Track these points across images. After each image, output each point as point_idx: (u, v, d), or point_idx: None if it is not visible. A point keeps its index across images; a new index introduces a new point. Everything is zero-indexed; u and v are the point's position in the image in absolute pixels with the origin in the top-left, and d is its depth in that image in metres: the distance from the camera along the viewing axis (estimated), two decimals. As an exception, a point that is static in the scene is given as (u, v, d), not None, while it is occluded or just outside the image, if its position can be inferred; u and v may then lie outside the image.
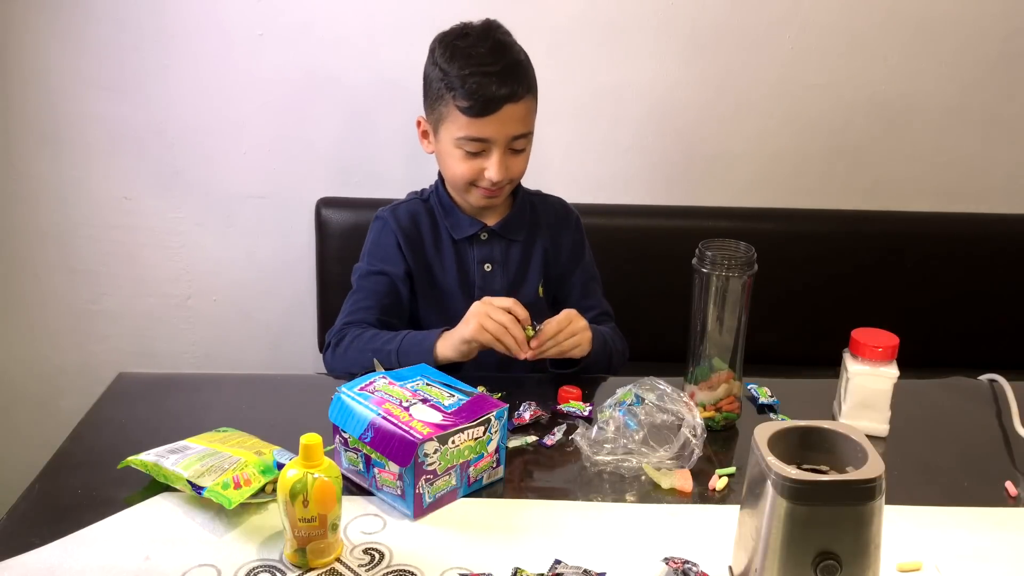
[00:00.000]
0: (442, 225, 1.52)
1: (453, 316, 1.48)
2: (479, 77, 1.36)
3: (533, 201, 1.58)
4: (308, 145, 2.06)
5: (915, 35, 2.04)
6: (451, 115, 1.40)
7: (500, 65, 1.38)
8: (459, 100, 1.37)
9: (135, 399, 1.31)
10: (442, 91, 1.40)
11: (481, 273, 1.52)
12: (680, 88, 2.06)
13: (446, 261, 1.52)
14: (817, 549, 0.84)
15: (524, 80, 1.40)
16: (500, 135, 1.39)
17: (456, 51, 1.40)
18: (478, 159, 1.41)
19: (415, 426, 1.03)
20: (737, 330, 1.23)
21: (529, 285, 1.54)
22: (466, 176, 1.43)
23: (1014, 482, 1.15)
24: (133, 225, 2.09)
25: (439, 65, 1.41)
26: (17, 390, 2.20)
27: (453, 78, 1.38)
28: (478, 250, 1.52)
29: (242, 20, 1.96)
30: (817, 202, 2.14)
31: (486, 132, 1.39)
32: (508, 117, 1.38)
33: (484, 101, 1.36)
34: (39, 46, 1.95)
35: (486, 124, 1.38)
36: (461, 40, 1.41)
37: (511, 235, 1.53)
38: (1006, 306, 2.12)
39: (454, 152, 1.42)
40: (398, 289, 1.50)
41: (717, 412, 1.26)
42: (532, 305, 1.52)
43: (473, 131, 1.39)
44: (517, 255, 1.54)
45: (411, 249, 1.51)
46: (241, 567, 0.96)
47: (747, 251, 1.21)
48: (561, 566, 0.96)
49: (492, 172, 1.40)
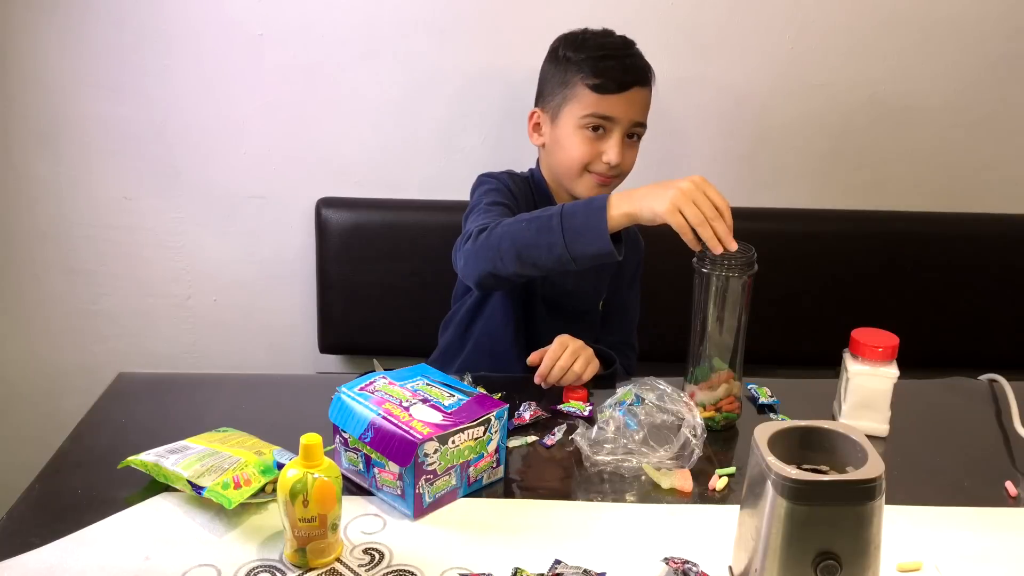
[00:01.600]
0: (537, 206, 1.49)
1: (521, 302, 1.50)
2: (612, 60, 1.43)
3: None
4: (308, 145, 2.06)
5: (915, 35, 2.04)
6: (578, 95, 1.43)
7: (630, 55, 1.47)
8: (589, 79, 1.42)
9: (135, 399, 1.31)
10: (569, 74, 1.44)
11: None
12: (680, 88, 2.06)
13: None
14: (817, 549, 0.84)
15: (649, 74, 1.48)
16: (624, 116, 1.43)
17: (587, 41, 1.47)
18: (598, 142, 1.44)
19: (415, 426, 1.03)
20: (737, 330, 1.23)
21: (596, 294, 1.55)
22: (583, 158, 1.44)
23: (1014, 482, 1.15)
24: (133, 225, 2.09)
25: (566, 55, 1.46)
26: (17, 390, 2.20)
27: (585, 60, 1.43)
28: None
29: (242, 20, 1.96)
30: (817, 202, 2.14)
31: (613, 110, 1.42)
32: (634, 100, 1.44)
33: (615, 78, 1.42)
34: (39, 46, 1.95)
35: (614, 102, 1.42)
36: (589, 35, 1.49)
37: None
38: (1006, 306, 2.12)
39: (575, 134, 1.44)
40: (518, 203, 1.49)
41: (717, 412, 1.26)
42: (589, 314, 1.55)
43: (601, 108, 1.42)
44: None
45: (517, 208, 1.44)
46: (241, 567, 0.96)
47: (747, 251, 1.21)
48: (561, 566, 0.96)
49: (611, 154, 1.42)
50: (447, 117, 1.99)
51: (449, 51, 1.99)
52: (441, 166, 2.03)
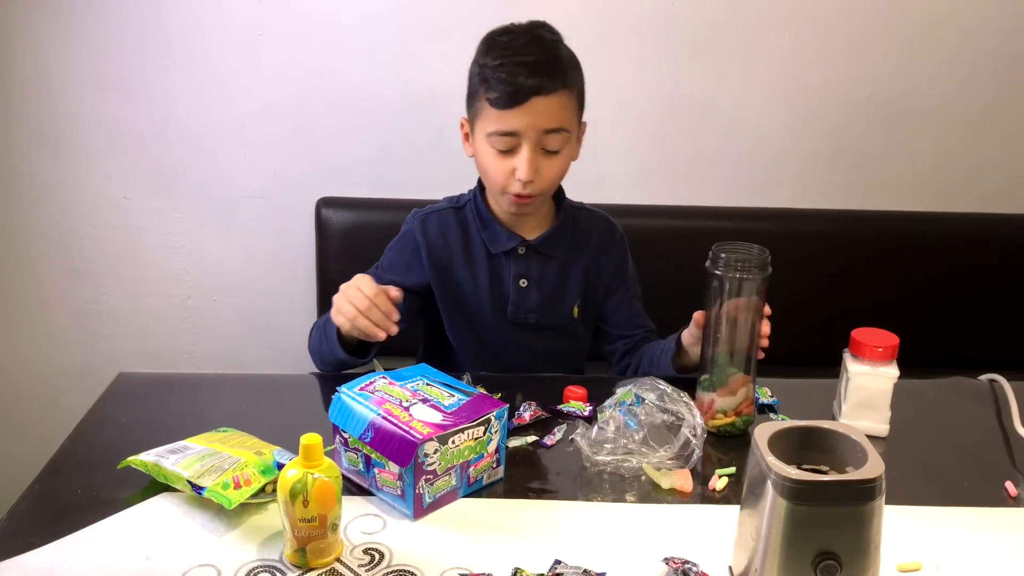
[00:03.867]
0: (477, 238, 1.47)
1: (482, 331, 1.49)
2: (510, 67, 1.32)
3: (577, 217, 1.52)
4: (308, 145, 2.06)
5: (915, 35, 2.04)
6: (483, 111, 1.35)
7: (533, 57, 1.33)
8: (489, 92, 1.33)
9: (135, 399, 1.31)
10: (477, 86, 1.36)
11: (516, 289, 1.47)
12: (680, 88, 2.06)
13: (479, 275, 1.47)
14: (817, 549, 0.84)
15: (559, 75, 1.34)
16: (529, 128, 1.32)
17: (494, 45, 1.37)
18: (509, 158, 1.35)
19: (415, 426, 1.03)
20: (751, 334, 1.22)
21: (565, 304, 1.50)
22: (498, 177, 1.37)
23: (1014, 482, 1.15)
24: (133, 225, 2.09)
25: (477, 61, 1.38)
26: (17, 390, 2.20)
27: (487, 70, 1.34)
28: (514, 265, 1.46)
29: (242, 20, 1.96)
30: (817, 202, 2.14)
31: (514, 124, 1.32)
32: (537, 110, 1.32)
33: (511, 91, 1.31)
34: (39, 46, 1.95)
35: (514, 116, 1.32)
36: (502, 36, 1.38)
37: (550, 251, 1.47)
38: (1006, 306, 2.12)
39: (487, 151, 1.37)
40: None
41: (737, 417, 1.24)
42: (565, 325, 1.51)
43: (502, 124, 1.33)
44: (554, 272, 1.48)
45: (435, 263, 1.46)
46: (241, 567, 0.96)
47: (761, 253, 1.19)
48: (561, 566, 0.96)
49: (521, 170, 1.34)
50: (447, 117, 1.98)
51: (449, 51, 1.99)
52: (441, 166, 2.03)
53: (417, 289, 1.47)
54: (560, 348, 1.52)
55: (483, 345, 1.50)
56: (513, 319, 1.48)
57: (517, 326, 1.49)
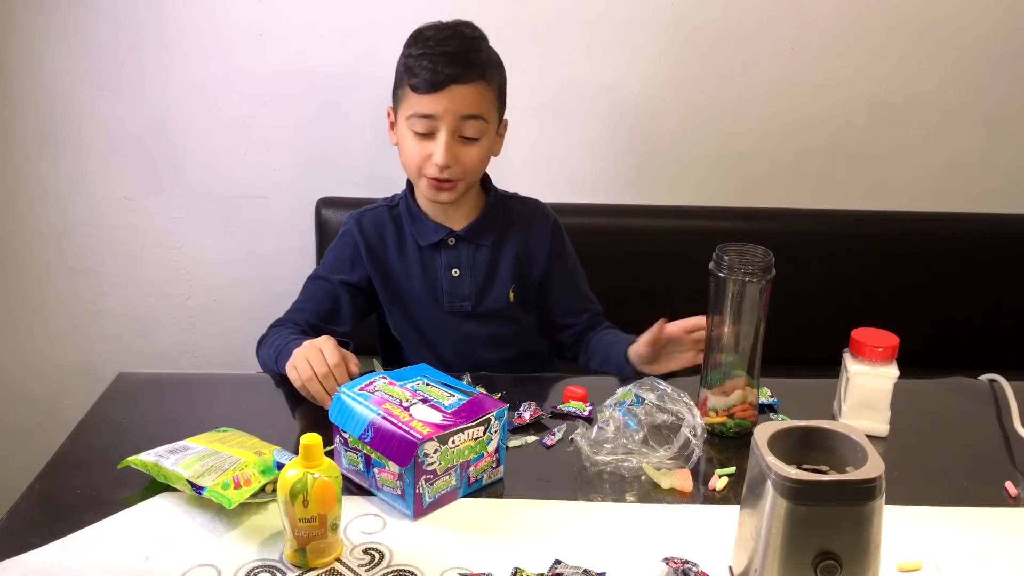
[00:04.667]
0: (408, 232, 1.52)
1: (423, 323, 1.53)
2: (430, 56, 1.39)
3: (507, 204, 1.56)
4: (308, 145, 2.06)
5: (915, 35, 2.04)
6: (405, 96, 1.41)
7: (452, 48, 1.40)
8: (411, 79, 1.40)
9: (135, 399, 1.31)
10: (401, 75, 1.43)
11: (448, 279, 1.51)
12: (680, 88, 2.06)
13: (412, 268, 1.51)
14: (817, 549, 0.84)
15: (477, 67, 1.41)
16: (446, 113, 1.38)
17: (419, 37, 1.44)
18: (427, 142, 1.41)
19: (415, 426, 1.03)
20: (755, 336, 1.21)
21: (498, 289, 1.53)
22: (415, 160, 1.42)
23: (1014, 482, 1.15)
24: (133, 225, 2.09)
25: (403, 52, 1.44)
26: (17, 390, 2.20)
27: (411, 59, 1.41)
28: (445, 256, 1.51)
29: (242, 20, 1.96)
30: (817, 202, 2.14)
31: (432, 108, 1.39)
32: (455, 96, 1.38)
33: (430, 77, 1.38)
34: (39, 46, 1.95)
35: (432, 101, 1.38)
36: (427, 30, 1.45)
37: (479, 240, 1.51)
38: (1006, 306, 2.12)
39: (406, 134, 1.43)
40: (339, 297, 1.51)
41: (730, 418, 1.24)
42: (502, 311, 1.54)
43: (420, 107, 1.39)
44: (485, 259, 1.52)
45: (372, 258, 1.51)
46: (241, 567, 0.96)
47: (765, 256, 1.19)
48: (561, 566, 0.96)
49: (437, 154, 1.39)
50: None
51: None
52: (441, 166, 2.02)
53: (361, 284, 1.52)
54: (501, 333, 1.54)
55: (424, 336, 1.53)
56: (449, 309, 1.51)
57: (454, 315, 1.52)
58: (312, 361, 1.25)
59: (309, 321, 1.49)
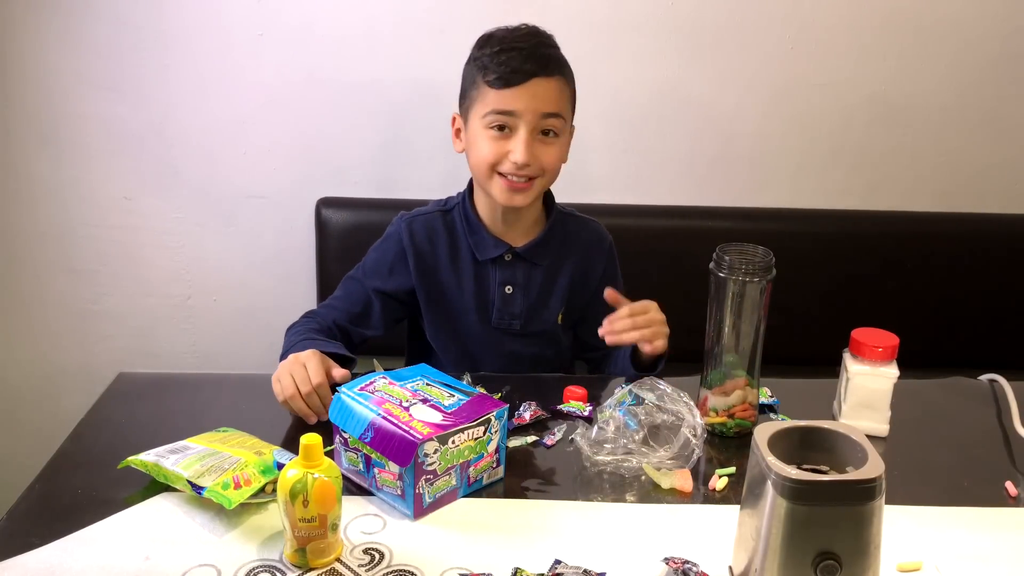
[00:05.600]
0: (464, 243, 1.47)
1: (466, 336, 1.49)
2: (509, 52, 1.34)
3: (566, 223, 1.52)
4: (308, 145, 2.06)
5: (915, 35, 2.04)
6: (481, 94, 1.36)
7: (531, 43, 1.36)
8: (488, 75, 1.35)
9: (135, 399, 1.31)
10: (474, 75, 1.38)
11: (501, 295, 1.47)
12: (680, 88, 2.06)
13: (464, 281, 1.47)
14: (817, 549, 0.84)
15: (556, 63, 1.37)
16: (527, 109, 1.34)
17: (491, 38, 1.39)
18: (504, 140, 1.35)
19: (415, 426, 1.03)
20: (755, 336, 1.21)
21: (550, 311, 1.50)
22: (489, 158, 1.36)
23: (1014, 482, 1.15)
24: (133, 225, 2.09)
25: (473, 54, 1.40)
26: (17, 390, 2.20)
27: (485, 58, 1.36)
28: (500, 271, 1.47)
29: (242, 20, 1.96)
30: (817, 202, 2.14)
31: (513, 104, 1.33)
32: (536, 91, 1.34)
33: (511, 71, 1.33)
34: (39, 46, 1.95)
35: (513, 96, 1.33)
36: (499, 30, 1.41)
37: (536, 259, 1.47)
38: (1006, 306, 2.12)
39: (481, 134, 1.37)
40: (372, 303, 1.47)
41: (729, 418, 1.24)
42: (549, 332, 1.52)
43: (500, 103, 1.34)
44: (540, 279, 1.48)
45: (420, 267, 1.46)
46: (241, 567, 0.96)
47: (765, 256, 1.19)
48: (561, 566, 0.96)
49: (517, 153, 1.34)
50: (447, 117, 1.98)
51: (449, 50, 1.98)
52: (441, 166, 2.03)
53: (397, 294, 1.48)
54: (543, 355, 1.52)
55: (465, 350, 1.50)
56: (498, 325, 1.48)
57: (501, 332, 1.49)
58: (296, 377, 1.22)
59: (338, 321, 1.45)
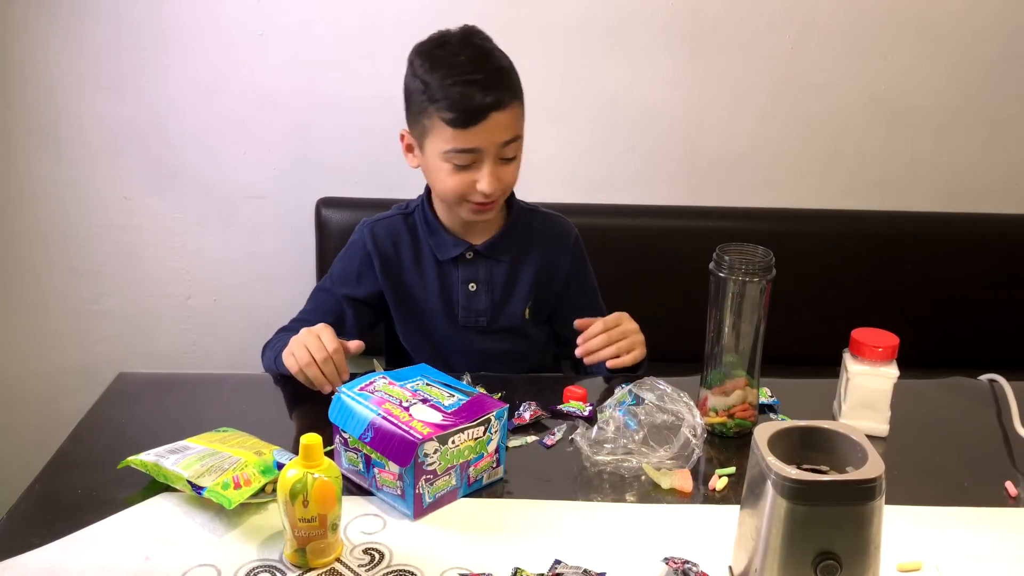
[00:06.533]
0: (425, 244, 1.48)
1: (436, 337, 1.50)
2: (462, 87, 1.30)
3: (529, 219, 1.52)
4: (308, 145, 2.06)
5: (915, 35, 2.04)
6: (436, 128, 1.33)
7: (483, 73, 1.32)
8: (443, 112, 1.31)
9: (135, 399, 1.31)
10: (424, 104, 1.33)
11: (465, 292, 1.48)
12: (680, 88, 2.06)
13: (428, 281, 1.48)
14: (817, 549, 0.84)
15: (509, 86, 1.35)
16: (489, 144, 1.33)
17: (436, 61, 1.34)
18: (468, 172, 1.35)
19: (415, 426, 1.03)
20: (755, 336, 1.21)
21: (515, 305, 1.50)
22: (457, 191, 1.36)
23: (1014, 482, 1.15)
24: (133, 225, 2.09)
25: (419, 77, 1.34)
26: (17, 390, 2.20)
27: (435, 89, 1.32)
28: (463, 270, 1.47)
29: (242, 20, 1.96)
30: (817, 202, 2.14)
31: (474, 142, 1.32)
32: (496, 125, 1.32)
33: (470, 111, 1.30)
34: (39, 46, 1.95)
35: (474, 134, 1.32)
36: (440, 49, 1.35)
37: (498, 255, 1.48)
38: (1006, 306, 2.12)
39: (442, 166, 1.36)
40: (345, 312, 1.48)
41: (729, 418, 1.24)
42: (517, 327, 1.52)
43: (460, 142, 1.32)
44: (503, 275, 1.49)
45: (386, 270, 1.48)
46: (241, 567, 0.96)
47: (765, 256, 1.19)
48: (561, 566, 0.96)
49: (484, 184, 1.34)
50: (447, 117, 1.99)
51: (449, 51, 1.99)
52: (441, 166, 2.02)
53: (368, 299, 1.49)
54: (514, 349, 1.52)
55: (437, 349, 1.51)
56: (464, 323, 1.49)
57: (468, 330, 1.49)
58: (311, 347, 1.24)
59: None
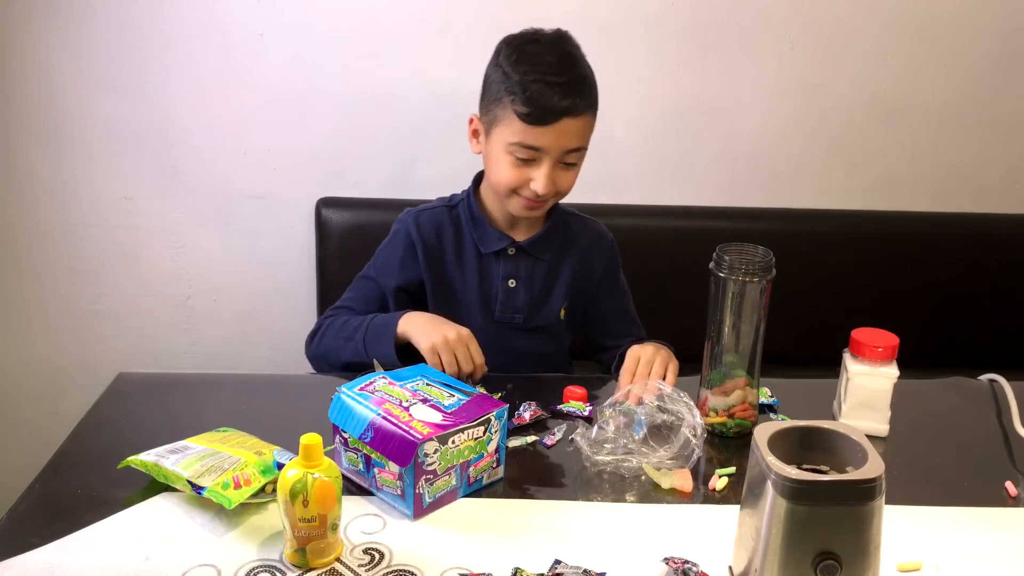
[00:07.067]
0: (468, 237, 1.48)
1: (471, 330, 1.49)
2: (542, 85, 1.32)
3: (568, 221, 1.53)
4: (308, 145, 2.06)
5: (915, 35, 2.04)
6: (507, 119, 1.35)
7: (566, 77, 1.34)
8: (518, 105, 1.33)
9: (135, 399, 1.31)
10: (501, 93, 1.35)
11: (504, 288, 1.48)
12: (680, 88, 2.06)
13: (468, 274, 1.48)
14: (817, 549, 0.84)
15: (587, 96, 1.37)
16: (554, 147, 1.34)
17: (523, 55, 1.36)
18: (527, 168, 1.36)
19: (415, 426, 1.03)
20: (755, 336, 1.21)
21: (552, 305, 1.51)
22: (511, 183, 1.38)
23: (1014, 482, 1.15)
24: (133, 225, 2.09)
25: (502, 67, 1.36)
26: (17, 390, 2.20)
27: (515, 82, 1.33)
28: (504, 265, 1.48)
29: (242, 20, 1.96)
30: (817, 202, 2.14)
31: (540, 141, 1.34)
32: (565, 130, 1.34)
33: (543, 110, 1.32)
34: (39, 46, 1.95)
35: (542, 133, 1.33)
36: (530, 45, 1.38)
37: (539, 253, 1.49)
38: (1006, 306, 2.12)
39: (503, 157, 1.37)
40: (386, 301, 1.48)
41: (729, 418, 1.24)
42: (552, 327, 1.53)
43: (528, 138, 1.34)
44: (543, 273, 1.50)
45: (428, 260, 1.48)
46: (241, 567, 0.96)
47: (765, 255, 1.19)
48: (561, 566, 0.96)
49: (539, 184, 1.35)
50: (448, 117, 1.99)
51: (450, 51, 1.99)
52: (441, 166, 2.03)
53: (410, 287, 1.50)
54: (545, 351, 1.53)
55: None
56: (501, 319, 1.49)
57: (503, 326, 1.50)
58: (460, 359, 1.30)
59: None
